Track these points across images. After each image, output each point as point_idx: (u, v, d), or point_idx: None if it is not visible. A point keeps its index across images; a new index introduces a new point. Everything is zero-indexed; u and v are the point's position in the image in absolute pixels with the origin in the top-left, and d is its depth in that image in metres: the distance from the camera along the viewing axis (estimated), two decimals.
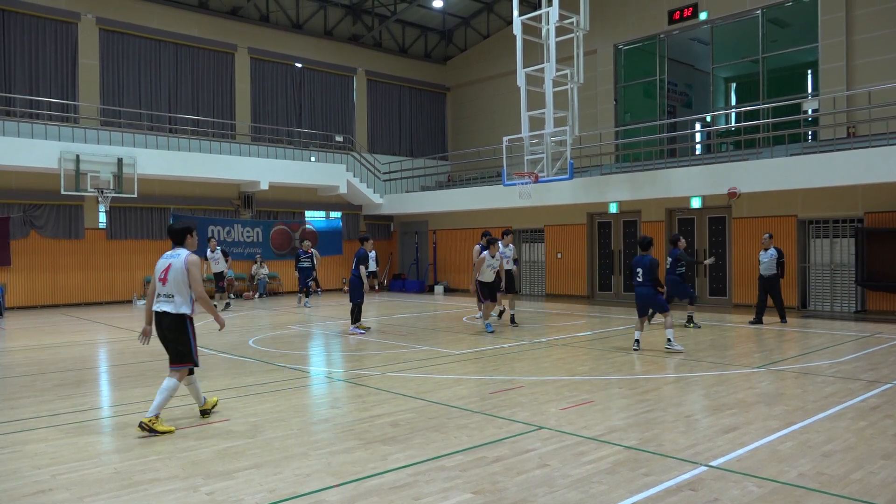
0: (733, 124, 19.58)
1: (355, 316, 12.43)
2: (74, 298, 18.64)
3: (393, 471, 4.73)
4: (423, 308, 17.50)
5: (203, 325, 13.87)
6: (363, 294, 12.40)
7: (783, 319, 13.07)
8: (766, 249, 13.15)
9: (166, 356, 9.65)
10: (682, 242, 12.74)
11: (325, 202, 23.63)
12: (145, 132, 19.40)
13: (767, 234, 13.34)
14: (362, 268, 12.13)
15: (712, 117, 19.75)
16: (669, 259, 12.68)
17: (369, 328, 12.70)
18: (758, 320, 13.07)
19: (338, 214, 24.04)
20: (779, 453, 5.03)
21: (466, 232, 23.14)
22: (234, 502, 4.19)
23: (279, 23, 22.70)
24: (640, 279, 9.83)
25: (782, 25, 18.27)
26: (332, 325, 13.91)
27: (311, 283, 21.86)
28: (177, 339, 5.93)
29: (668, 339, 9.74)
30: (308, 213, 23.36)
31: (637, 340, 9.93)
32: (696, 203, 17.08)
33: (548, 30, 15.99)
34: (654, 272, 9.80)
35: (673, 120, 18.42)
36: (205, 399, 6.39)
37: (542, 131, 15.81)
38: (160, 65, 20.23)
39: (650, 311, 11.24)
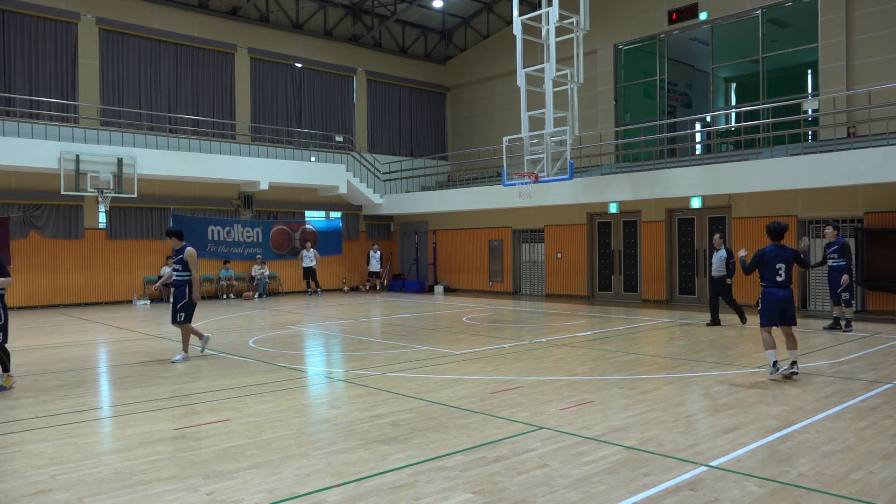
0: (733, 124, 19.58)
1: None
2: (74, 298, 18.64)
3: (393, 471, 4.72)
4: (422, 308, 17.50)
5: (202, 326, 13.86)
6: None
7: (742, 321, 12.89)
8: (716, 250, 12.92)
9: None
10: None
11: (325, 202, 23.63)
12: (145, 132, 19.40)
13: (717, 234, 13.19)
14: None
15: (712, 117, 19.75)
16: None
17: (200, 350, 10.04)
18: (714, 321, 12.92)
19: (338, 214, 24.04)
20: (779, 453, 5.03)
21: (466, 232, 23.15)
22: (233, 502, 4.19)
23: (279, 23, 22.70)
24: (781, 278, 7.76)
25: (782, 25, 18.27)
26: (332, 325, 13.91)
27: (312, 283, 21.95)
28: None
29: (795, 363, 7.77)
30: (308, 213, 23.36)
31: (776, 362, 7.70)
32: (695, 203, 17.09)
33: (548, 30, 15.99)
34: (802, 262, 7.96)
35: (673, 120, 18.42)
36: None
37: (542, 131, 15.81)
38: (160, 65, 20.22)
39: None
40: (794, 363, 7.73)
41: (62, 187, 16.74)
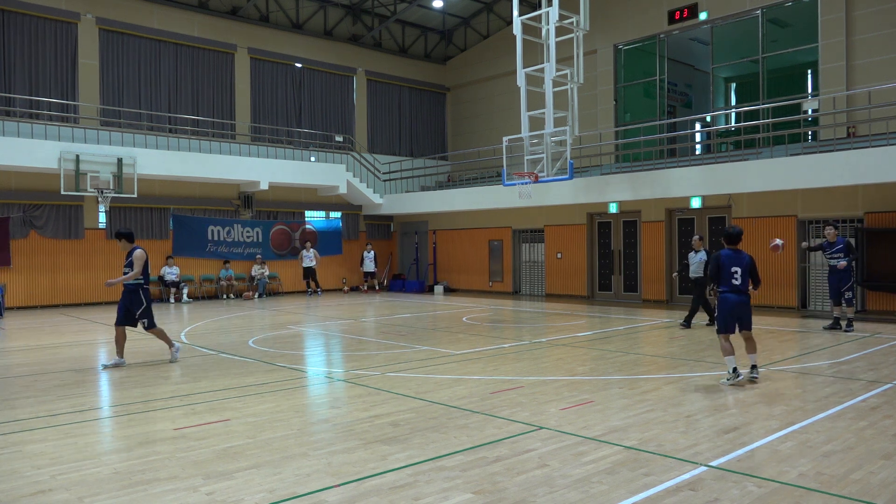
0: (733, 124, 19.58)
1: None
2: (74, 298, 18.64)
3: (393, 471, 4.72)
4: (422, 308, 17.51)
5: (202, 326, 13.87)
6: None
7: (687, 323, 12.57)
8: (695, 252, 12.70)
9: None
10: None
11: (325, 202, 23.63)
12: (145, 132, 19.40)
13: (697, 236, 12.94)
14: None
15: (712, 117, 19.74)
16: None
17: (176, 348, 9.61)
18: (711, 321, 12.46)
19: (338, 214, 24.04)
20: (779, 453, 5.03)
21: (466, 232, 23.15)
22: (233, 502, 4.19)
23: (279, 23, 22.70)
24: (738, 282, 7.62)
25: (782, 25, 18.27)
26: (332, 325, 13.91)
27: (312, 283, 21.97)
28: None
29: (755, 367, 7.68)
30: (308, 214, 23.36)
31: (735, 368, 7.52)
32: (695, 203, 17.08)
33: (548, 30, 15.99)
34: (755, 272, 7.73)
35: (673, 120, 18.41)
36: None
37: (542, 131, 15.81)
38: (160, 65, 20.22)
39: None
40: (754, 367, 7.61)
41: (62, 187, 16.74)
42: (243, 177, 20.22)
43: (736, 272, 7.59)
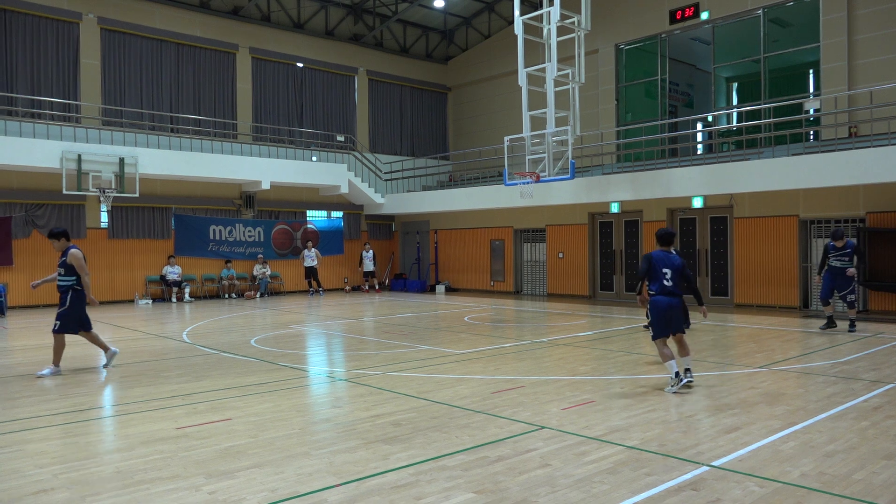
0: (735, 124, 19.58)
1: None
2: None
3: (394, 470, 4.73)
4: (424, 308, 17.51)
5: (205, 325, 13.88)
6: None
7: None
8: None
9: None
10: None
11: (327, 202, 23.64)
12: (147, 132, 19.41)
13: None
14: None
15: (714, 117, 19.74)
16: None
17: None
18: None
19: (339, 214, 24.05)
20: (781, 453, 5.02)
21: (468, 232, 23.15)
22: (235, 502, 4.19)
23: (280, 23, 22.71)
24: (669, 284, 7.39)
25: (784, 25, 18.26)
26: (334, 324, 13.92)
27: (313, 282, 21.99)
28: None
29: (688, 370, 7.37)
30: (309, 213, 23.37)
31: (678, 372, 7.22)
32: (697, 203, 17.07)
33: (549, 29, 15.98)
34: (687, 277, 7.56)
35: (674, 120, 18.39)
36: None
37: (544, 131, 15.80)
38: (162, 65, 20.23)
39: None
40: (687, 370, 7.35)
41: (64, 187, 16.76)
42: (245, 176, 20.24)
43: (666, 273, 7.39)
